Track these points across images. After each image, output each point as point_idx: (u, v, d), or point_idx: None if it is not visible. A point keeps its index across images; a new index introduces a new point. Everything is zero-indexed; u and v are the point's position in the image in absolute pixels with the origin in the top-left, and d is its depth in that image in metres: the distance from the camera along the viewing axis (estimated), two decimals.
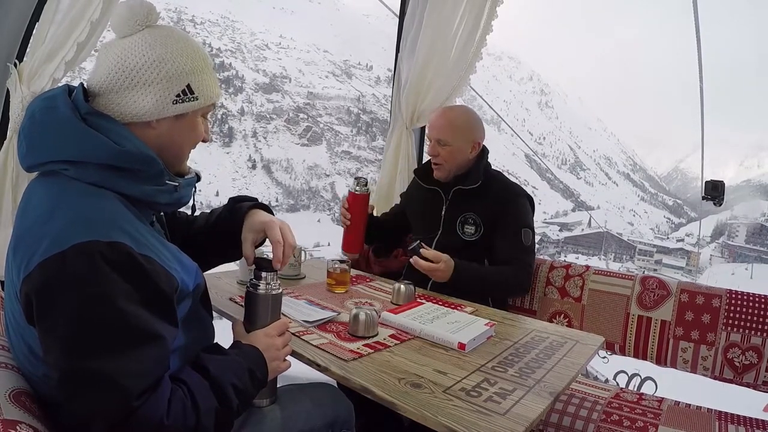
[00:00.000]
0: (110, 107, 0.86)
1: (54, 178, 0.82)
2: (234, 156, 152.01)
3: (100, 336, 0.72)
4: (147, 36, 0.88)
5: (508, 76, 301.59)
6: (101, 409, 0.71)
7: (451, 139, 1.82)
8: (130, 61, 0.86)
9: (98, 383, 0.71)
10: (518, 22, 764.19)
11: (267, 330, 1.00)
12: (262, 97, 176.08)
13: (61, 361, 0.72)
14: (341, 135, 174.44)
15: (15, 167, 1.58)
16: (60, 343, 0.72)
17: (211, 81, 0.94)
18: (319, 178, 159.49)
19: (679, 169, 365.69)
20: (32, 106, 0.85)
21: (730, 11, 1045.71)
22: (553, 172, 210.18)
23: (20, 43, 1.63)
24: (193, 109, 0.92)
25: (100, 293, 0.72)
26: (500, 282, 1.75)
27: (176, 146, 0.93)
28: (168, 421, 0.74)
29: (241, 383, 0.87)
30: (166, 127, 0.90)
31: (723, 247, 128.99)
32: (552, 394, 1.01)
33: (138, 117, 0.87)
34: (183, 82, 0.89)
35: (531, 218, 1.86)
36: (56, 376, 0.72)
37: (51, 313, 0.72)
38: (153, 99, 0.87)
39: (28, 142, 0.83)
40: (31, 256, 0.74)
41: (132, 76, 0.85)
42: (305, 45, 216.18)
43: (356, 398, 1.12)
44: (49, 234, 0.74)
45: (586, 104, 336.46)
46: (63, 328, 0.72)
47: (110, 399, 0.71)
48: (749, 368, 1.62)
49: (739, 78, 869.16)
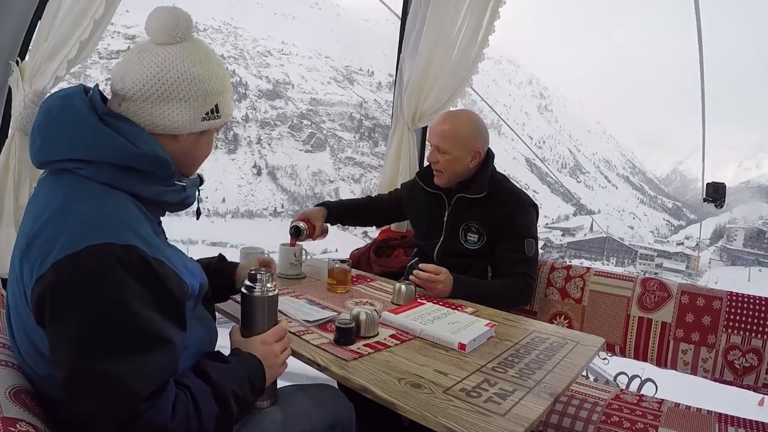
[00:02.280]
0: (141, 114, 0.87)
1: (66, 177, 0.82)
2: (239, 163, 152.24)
3: (112, 338, 0.72)
4: (187, 50, 0.90)
5: (507, 80, 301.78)
6: (107, 411, 0.70)
7: (450, 148, 1.77)
8: (170, 73, 0.87)
9: (107, 385, 0.71)
10: (517, 25, 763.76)
11: (264, 337, 0.99)
12: (265, 104, 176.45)
13: (70, 361, 0.71)
14: (344, 141, 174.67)
15: (17, 165, 1.58)
16: (71, 343, 0.72)
17: (231, 101, 0.99)
18: (324, 184, 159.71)
19: (678, 171, 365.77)
20: (48, 103, 0.86)
21: (731, 12, 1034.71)
22: (554, 175, 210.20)
23: (22, 40, 1.63)
24: (215, 127, 0.97)
25: (114, 295, 0.73)
26: (502, 296, 1.71)
27: (192, 158, 0.97)
28: (172, 425, 0.74)
29: (241, 391, 0.88)
30: (191, 141, 0.94)
31: (722, 251, 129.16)
32: (552, 395, 1.01)
33: (168, 129, 0.89)
34: (213, 101, 0.93)
35: (535, 228, 1.83)
36: (63, 376, 0.72)
37: (63, 314, 0.72)
38: (187, 115, 0.90)
39: (43, 137, 0.83)
40: (45, 257, 0.74)
41: (171, 89, 0.87)
42: (307, 51, 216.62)
43: (356, 398, 1.12)
44: (63, 234, 0.74)
45: (585, 107, 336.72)
46: (75, 328, 0.72)
47: (117, 401, 0.71)
48: (749, 370, 1.62)
49: (739, 78, 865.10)
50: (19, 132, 1.55)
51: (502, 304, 1.65)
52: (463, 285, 1.65)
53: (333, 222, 1.99)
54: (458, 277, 1.65)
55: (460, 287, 1.64)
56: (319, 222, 1.89)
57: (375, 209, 2.15)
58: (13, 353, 0.90)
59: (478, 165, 1.83)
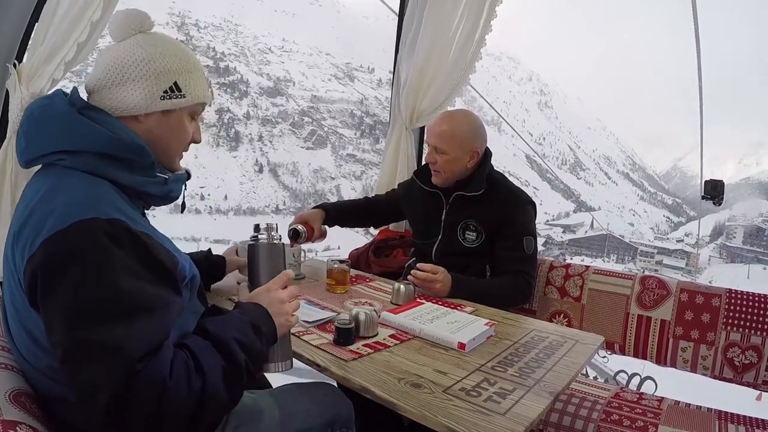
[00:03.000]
0: (103, 102, 0.93)
1: (51, 170, 0.86)
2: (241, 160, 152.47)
3: (101, 306, 0.73)
4: (139, 38, 0.96)
5: (507, 76, 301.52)
6: (104, 376, 0.70)
7: (448, 148, 1.76)
8: (122, 59, 0.93)
9: (100, 351, 0.71)
10: (517, 22, 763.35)
11: (268, 285, 0.98)
12: (266, 101, 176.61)
13: (63, 335, 0.72)
14: (345, 138, 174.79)
15: (14, 167, 1.58)
16: (62, 315, 0.73)
17: (199, 82, 1.00)
18: (325, 181, 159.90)
19: (678, 167, 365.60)
20: (30, 108, 0.91)
21: (729, 10, 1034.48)
22: (554, 172, 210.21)
23: (19, 43, 1.63)
24: (180, 106, 0.98)
25: (100, 266, 0.74)
26: (501, 295, 1.70)
27: (164, 142, 0.98)
28: (171, 381, 0.74)
29: (245, 338, 0.86)
30: (154, 122, 0.96)
31: (721, 248, 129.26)
32: (552, 393, 1.01)
33: (128, 111, 0.93)
34: (170, 79, 0.96)
35: (534, 225, 1.83)
36: (60, 355, 0.73)
37: (54, 287, 0.74)
38: (141, 93, 0.93)
39: (27, 137, 0.88)
40: (34, 237, 0.76)
41: (123, 72, 0.93)
42: (307, 48, 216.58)
43: (356, 398, 1.12)
44: (51, 215, 0.77)
45: (585, 104, 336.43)
46: (65, 300, 0.73)
47: (112, 365, 0.71)
48: (749, 367, 1.62)
49: (738, 76, 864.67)
50: (16, 135, 1.55)
51: (502, 303, 1.65)
52: (461, 284, 1.65)
53: (331, 224, 1.99)
54: (457, 276, 1.65)
55: (459, 287, 1.64)
56: (317, 224, 1.89)
57: (372, 210, 2.16)
58: (12, 356, 0.90)
59: (476, 165, 1.83)
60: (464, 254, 1.81)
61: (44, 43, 1.54)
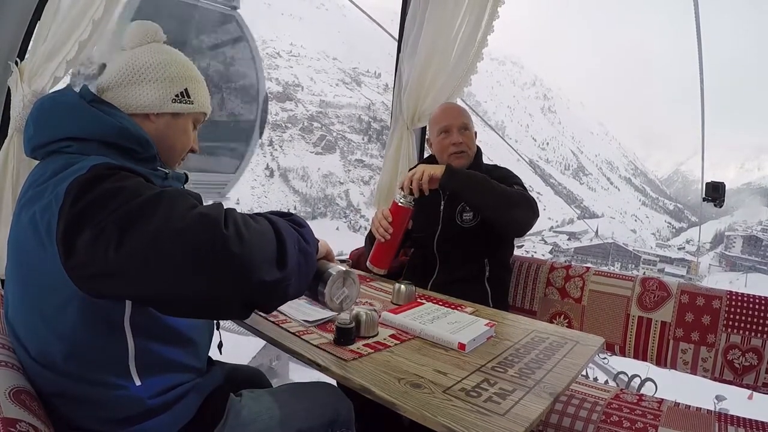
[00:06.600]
0: (117, 99, 0.98)
1: (57, 156, 0.88)
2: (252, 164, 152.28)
3: (143, 203, 0.73)
4: (154, 46, 1.04)
5: (511, 81, 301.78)
6: (209, 240, 0.71)
7: (469, 122, 1.89)
8: (139, 61, 1.00)
9: (152, 238, 0.71)
10: (520, 26, 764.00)
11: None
12: (276, 106, 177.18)
13: (119, 242, 0.70)
14: (354, 143, 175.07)
15: (16, 165, 1.58)
16: (109, 230, 0.70)
17: (205, 92, 1.09)
18: (334, 186, 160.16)
19: (679, 171, 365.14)
20: (41, 99, 0.95)
21: (731, 13, 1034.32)
22: (556, 178, 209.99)
23: (21, 41, 1.63)
24: (188, 111, 1.05)
25: (123, 181, 0.77)
26: (504, 192, 1.65)
27: (169, 141, 1.04)
28: (229, 218, 0.75)
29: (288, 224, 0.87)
30: (164, 123, 1.02)
31: (721, 257, 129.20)
32: (552, 394, 1.01)
33: (141, 108, 0.99)
34: (182, 85, 1.03)
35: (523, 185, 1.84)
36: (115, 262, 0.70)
37: (93, 215, 0.72)
38: (156, 93, 1.00)
39: (36, 125, 0.91)
40: (58, 197, 0.76)
41: (140, 73, 1.00)
42: (315, 53, 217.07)
43: (356, 398, 1.12)
44: (68, 177, 0.78)
45: (587, 109, 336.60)
46: (106, 217, 0.71)
47: (212, 227, 0.72)
48: (749, 369, 1.62)
49: (740, 80, 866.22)
50: (17, 132, 1.54)
51: (504, 201, 1.63)
52: (460, 172, 1.69)
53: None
54: (452, 167, 1.70)
55: (456, 173, 1.67)
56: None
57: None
58: (12, 353, 0.90)
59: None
60: (463, 238, 1.83)
61: (46, 41, 1.54)
